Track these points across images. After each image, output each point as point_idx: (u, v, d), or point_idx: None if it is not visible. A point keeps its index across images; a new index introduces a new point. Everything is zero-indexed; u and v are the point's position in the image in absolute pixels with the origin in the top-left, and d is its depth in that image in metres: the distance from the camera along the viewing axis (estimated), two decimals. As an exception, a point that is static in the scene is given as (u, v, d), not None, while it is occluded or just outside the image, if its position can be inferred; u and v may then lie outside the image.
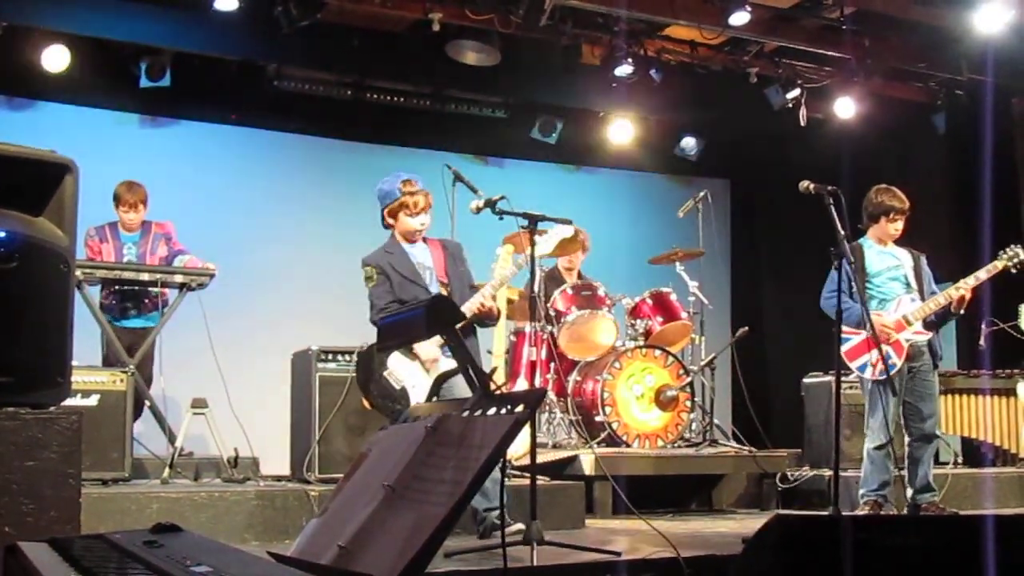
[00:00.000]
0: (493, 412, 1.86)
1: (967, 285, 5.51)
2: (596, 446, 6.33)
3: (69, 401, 3.37)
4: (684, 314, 7.20)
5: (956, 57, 8.20)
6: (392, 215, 4.85)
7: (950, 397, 6.91)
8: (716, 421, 7.14)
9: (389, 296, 4.74)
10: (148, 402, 6.03)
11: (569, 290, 6.91)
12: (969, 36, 7.76)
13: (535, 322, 5.47)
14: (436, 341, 4.52)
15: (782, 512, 5.31)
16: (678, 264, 7.41)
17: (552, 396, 6.75)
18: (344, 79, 8.27)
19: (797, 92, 8.38)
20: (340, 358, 5.67)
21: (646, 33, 7.94)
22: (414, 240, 4.88)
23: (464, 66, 7.90)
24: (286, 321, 7.81)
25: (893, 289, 5.67)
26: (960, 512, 5.52)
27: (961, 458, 7.41)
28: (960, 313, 5.61)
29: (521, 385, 6.57)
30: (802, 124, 8.46)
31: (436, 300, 2.56)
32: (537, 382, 6.35)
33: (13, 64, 7.27)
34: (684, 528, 5.54)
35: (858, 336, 5.52)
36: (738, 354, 7.44)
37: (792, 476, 6.68)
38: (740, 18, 7.44)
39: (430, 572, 1.74)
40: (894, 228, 5.70)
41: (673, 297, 7.21)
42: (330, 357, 5.67)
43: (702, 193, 7.79)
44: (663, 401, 6.70)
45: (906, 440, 5.62)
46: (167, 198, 6.96)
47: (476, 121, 8.86)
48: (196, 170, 8.06)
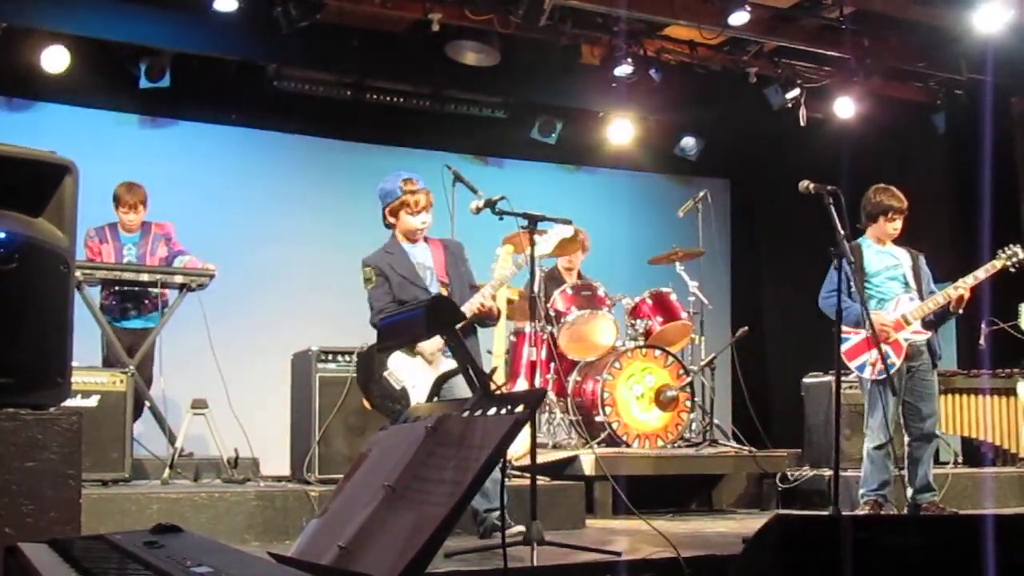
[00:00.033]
0: (493, 412, 1.86)
1: (966, 284, 5.50)
2: (596, 446, 6.33)
3: (69, 402, 3.37)
4: (684, 314, 7.19)
5: (956, 57, 8.20)
6: (393, 214, 4.84)
7: (950, 397, 6.90)
8: (716, 421, 7.14)
9: (387, 298, 4.74)
10: (148, 403, 6.03)
11: (569, 290, 6.90)
12: (969, 36, 7.76)
13: (535, 322, 5.46)
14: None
15: (782, 512, 5.32)
16: (678, 264, 7.40)
17: (552, 396, 6.75)
18: (344, 79, 8.27)
19: (797, 92, 8.38)
20: (340, 358, 5.66)
21: (646, 33, 7.94)
22: (415, 239, 4.88)
23: (464, 66, 7.89)
24: (286, 321, 7.80)
25: (892, 289, 5.66)
26: (960, 512, 5.53)
27: (961, 458, 7.41)
28: (959, 312, 5.61)
29: (521, 385, 6.57)
30: (802, 124, 8.46)
31: (436, 300, 2.56)
32: (537, 382, 6.35)
33: (13, 65, 7.26)
34: (684, 528, 5.54)
35: (857, 336, 5.51)
36: (738, 354, 7.44)
37: (792, 476, 6.68)
38: (739, 18, 7.44)
39: (430, 572, 1.74)
40: (892, 227, 5.69)
41: (673, 297, 7.20)
42: (330, 357, 5.67)
43: (702, 193, 7.79)
44: (663, 401, 6.70)
45: (906, 440, 5.62)
46: (167, 199, 6.96)
47: (476, 121, 8.86)
48: (196, 171, 8.06)
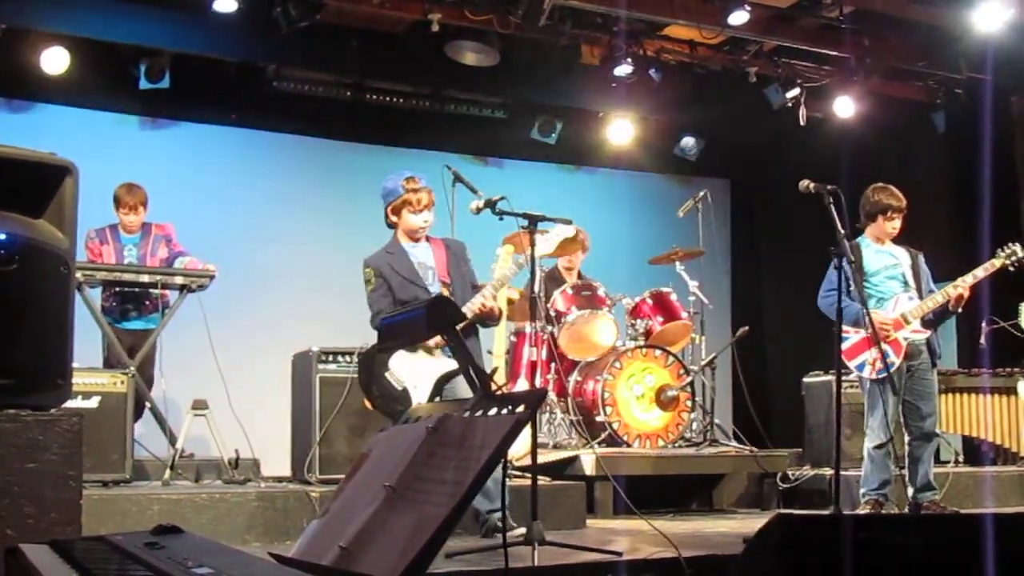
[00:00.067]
0: (494, 412, 1.86)
1: (965, 283, 5.49)
2: (597, 446, 6.33)
3: (70, 403, 3.37)
4: (684, 314, 7.20)
5: (955, 56, 8.20)
6: (395, 212, 4.84)
7: (950, 396, 6.90)
8: (717, 421, 7.14)
9: (385, 301, 4.73)
10: (149, 403, 6.02)
11: (569, 290, 6.90)
12: (968, 35, 7.76)
13: (535, 322, 5.46)
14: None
15: (783, 511, 5.30)
16: (678, 264, 7.40)
17: (553, 396, 6.75)
18: (343, 80, 8.27)
19: (796, 91, 8.38)
20: (341, 359, 5.66)
21: (645, 33, 7.94)
22: (417, 238, 4.87)
23: (463, 66, 7.89)
24: (286, 322, 7.81)
25: (891, 288, 5.66)
26: (961, 511, 5.53)
27: (962, 457, 7.42)
28: (958, 311, 5.61)
29: (522, 386, 6.57)
30: (802, 123, 8.46)
31: (436, 300, 2.56)
32: (538, 382, 6.34)
33: (12, 66, 7.27)
34: (685, 528, 5.54)
35: (856, 335, 5.51)
36: (738, 354, 7.44)
37: (793, 476, 6.68)
38: (739, 17, 7.45)
39: (431, 573, 1.73)
40: (891, 226, 5.69)
41: (673, 297, 7.20)
42: (331, 358, 5.67)
43: (702, 193, 7.79)
44: (664, 401, 6.70)
45: (906, 439, 5.61)
46: (167, 199, 6.96)
47: (476, 121, 8.86)
48: (196, 171, 8.07)
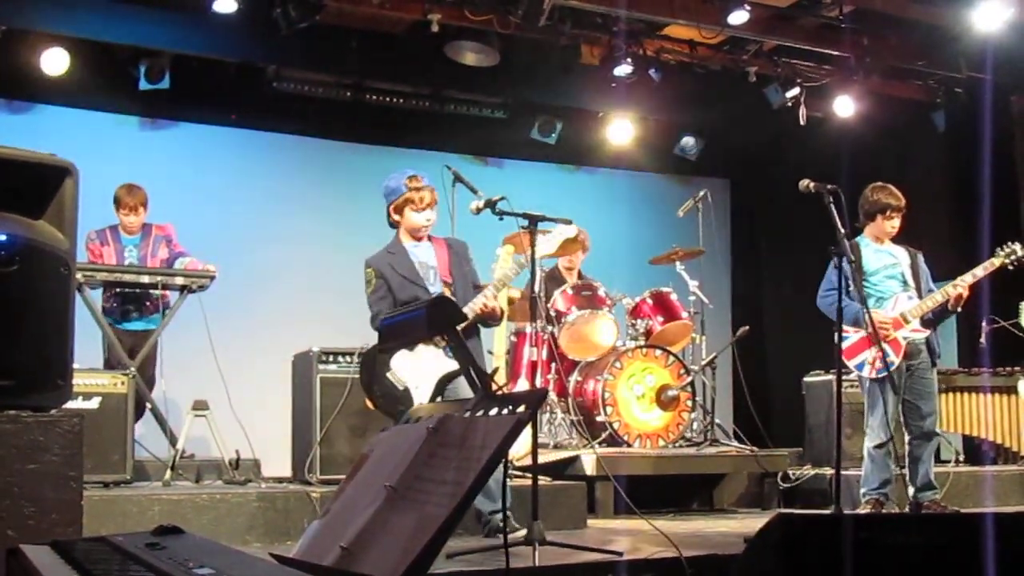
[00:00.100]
0: (495, 413, 1.86)
1: (964, 283, 5.49)
2: (597, 446, 6.33)
3: (70, 404, 3.36)
4: (684, 314, 7.19)
5: (955, 55, 8.20)
6: (398, 211, 4.83)
7: (951, 395, 6.90)
8: (717, 420, 7.14)
9: (384, 303, 4.72)
10: (149, 404, 6.03)
11: (569, 290, 6.90)
12: (968, 34, 7.76)
13: (536, 322, 5.46)
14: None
15: (784, 511, 5.31)
16: (678, 264, 7.40)
17: (553, 396, 6.75)
18: (343, 80, 8.27)
19: (796, 91, 8.38)
20: (341, 359, 5.66)
21: (645, 33, 7.94)
22: (420, 237, 4.86)
23: (463, 67, 7.89)
24: (286, 322, 7.80)
25: (890, 287, 5.65)
26: (962, 510, 5.53)
27: (962, 456, 7.41)
28: (957, 311, 5.60)
29: (522, 386, 6.57)
30: (802, 123, 8.46)
31: (437, 301, 2.56)
32: (538, 382, 6.34)
33: (12, 67, 7.27)
34: (686, 528, 5.54)
35: (856, 334, 5.50)
36: (739, 353, 7.44)
37: (793, 475, 6.68)
38: (739, 17, 7.45)
39: (432, 573, 1.74)
40: (890, 226, 5.68)
41: (673, 297, 7.20)
42: (331, 358, 5.66)
43: (702, 192, 7.79)
44: (664, 401, 6.70)
45: (906, 439, 5.61)
46: (167, 200, 6.96)
47: (475, 121, 8.85)
48: (196, 172, 8.07)
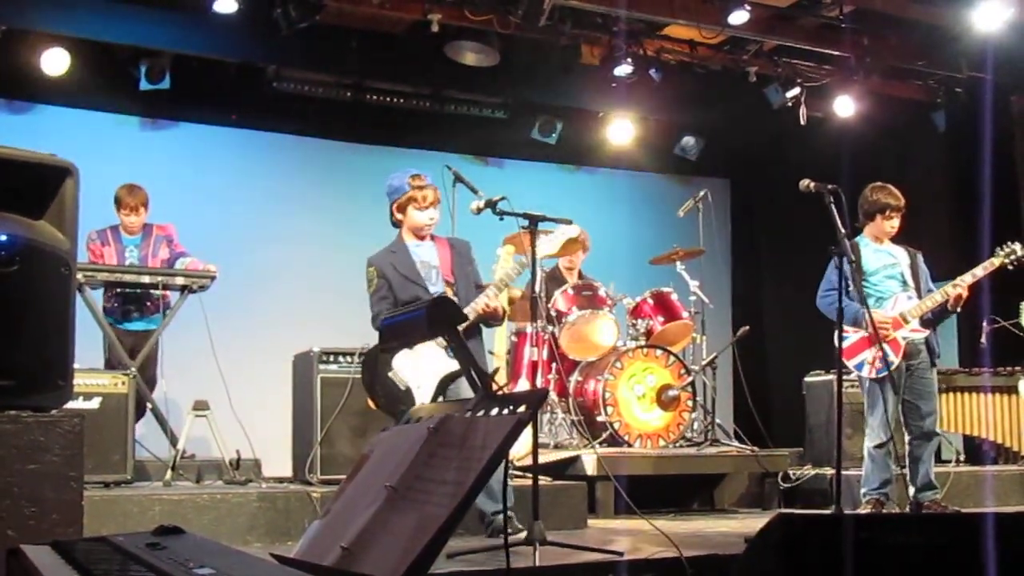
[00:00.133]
0: (495, 413, 1.86)
1: (964, 283, 5.48)
2: (598, 446, 6.33)
3: (71, 404, 3.36)
4: (685, 314, 7.20)
5: (955, 55, 8.20)
6: (401, 210, 4.82)
7: (951, 395, 6.90)
8: (717, 420, 7.14)
9: (385, 303, 4.72)
10: (150, 404, 6.03)
11: (570, 290, 6.91)
12: (968, 34, 7.76)
13: (536, 322, 5.46)
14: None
15: (784, 511, 5.31)
16: (679, 263, 7.40)
17: (554, 396, 6.75)
18: (343, 80, 8.27)
19: (796, 91, 8.38)
20: (341, 359, 5.66)
21: (645, 33, 7.94)
22: (423, 236, 4.85)
23: (463, 67, 7.89)
24: (287, 322, 7.80)
25: (890, 287, 5.65)
26: (962, 510, 5.53)
27: (963, 456, 7.41)
28: (957, 311, 5.60)
29: (523, 386, 6.57)
30: (802, 123, 8.46)
31: (438, 301, 2.56)
32: (539, 382, 6.34)
33: (12, 67, 7.27)
34: (686, 528, 5.54)
35: (856, 334, 5.49)
36: (739, 353, 7.44)
37: (794, 475, 6.68)
38: (739, 17, 7.45)
39: (433, 573, 1.74)
40: (890, 225, 5.68)
41: (674, 297, 7.20)
42: (331, 358, 5.66)
43: (702, 192, 7.79)
44: (664, 401, 6.70)
45: (906, 438, 5.61)
46: (167, 200, 6.96)
47: (476, 122, 8.85)
48: (196, 172, 8.07)
